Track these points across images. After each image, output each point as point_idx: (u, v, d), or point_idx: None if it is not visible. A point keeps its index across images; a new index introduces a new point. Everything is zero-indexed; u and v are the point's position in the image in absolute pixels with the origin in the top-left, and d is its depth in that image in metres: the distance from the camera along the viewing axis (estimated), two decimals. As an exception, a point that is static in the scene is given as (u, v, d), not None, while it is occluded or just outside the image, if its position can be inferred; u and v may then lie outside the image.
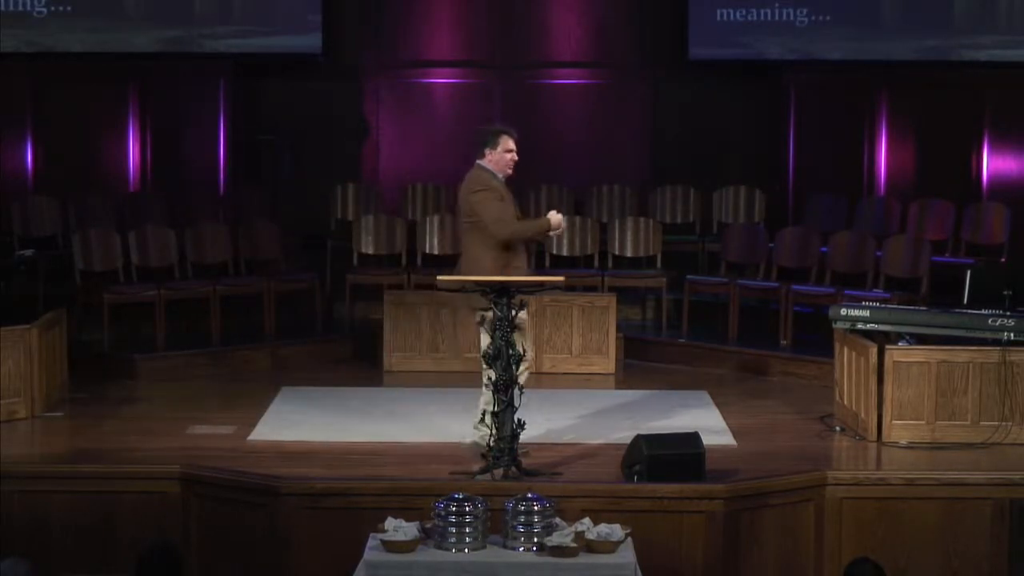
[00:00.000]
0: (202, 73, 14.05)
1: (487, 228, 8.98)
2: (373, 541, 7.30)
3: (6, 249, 12.42)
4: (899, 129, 14.04)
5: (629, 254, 13.10)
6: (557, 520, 7.34)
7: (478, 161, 9.16)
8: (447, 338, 11.82)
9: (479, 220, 9.01)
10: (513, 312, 8.46)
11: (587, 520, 7.37)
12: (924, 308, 10.21)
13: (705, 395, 10.93)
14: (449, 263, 13.03)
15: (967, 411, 9.46)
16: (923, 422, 9.48)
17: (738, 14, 14.01)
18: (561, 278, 8.92)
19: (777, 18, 13.99)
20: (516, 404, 8.43)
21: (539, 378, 11.53)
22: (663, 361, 12.15)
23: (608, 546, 7.22)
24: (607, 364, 11.80)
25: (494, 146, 9.08)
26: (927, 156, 13.98)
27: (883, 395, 9.48)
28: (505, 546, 7.26)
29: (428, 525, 7.34)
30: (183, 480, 8.59)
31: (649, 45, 14.35)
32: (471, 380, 10.52)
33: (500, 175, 9.10)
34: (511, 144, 9.09)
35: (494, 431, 8.44)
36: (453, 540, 7.20)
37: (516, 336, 8.55)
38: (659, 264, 13.02)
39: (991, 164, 13.89)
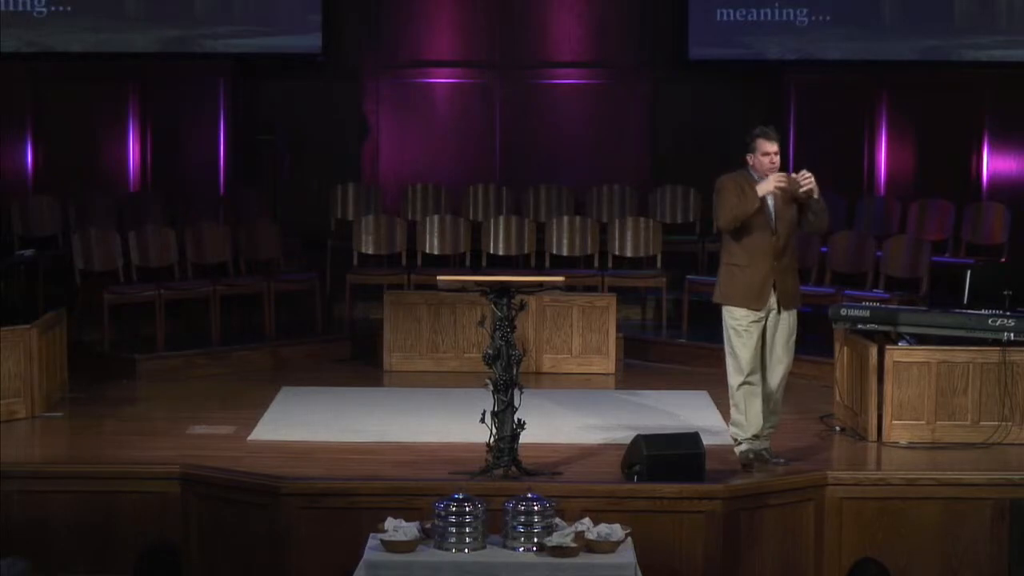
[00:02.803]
0: (202, 73, 14.04)
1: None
2: (373, 541, 7.31)
3: (6, 249, 12.42)
4: (899, 129, 14.03)
5: (629, 254, 13.10)
6: (557, 520, 7.35)
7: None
8: (447, 338, 11.82)
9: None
10: (513, 312, 8.47)
11: (587, 520, 7.38)
12: (924, 308, 10.21)
13: (705, 395, 10.93)
14: (449, 263, 13.09)
15: (967, 411, 9.46)
16: (923, 422, 9.48)
17: (738, 14, 14.01)
18: (561, 278, 8.92)
19: (777, 18, 13.99)
20: (516, 404, 8.44)
21: (539, 378, 11.55)
22: (663, 361, 12.15)
23: (608, 546, 7.22)
24: (607, 364, 11.80)
25: (753, 150, 8.81)
26: (927, 156, 13.98)
27: (883, 395, 9.48)
28: (505, 546, 7.27)
29: (428, 525, 7.34)
30: (183, 480, 8.59)
31: (649, 45, 14.35)
32: (471, 380, 10.54)
33: (760, 177, 8.81)
34: (767, 147, 8.76)
35: (494, 431, 8.44)
36: (453, 540, 7.21)
37: None
38: (659, 264, 13.02)
39: (991, 164, 13.89)
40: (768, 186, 8.72)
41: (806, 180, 8.71)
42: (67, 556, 8.53)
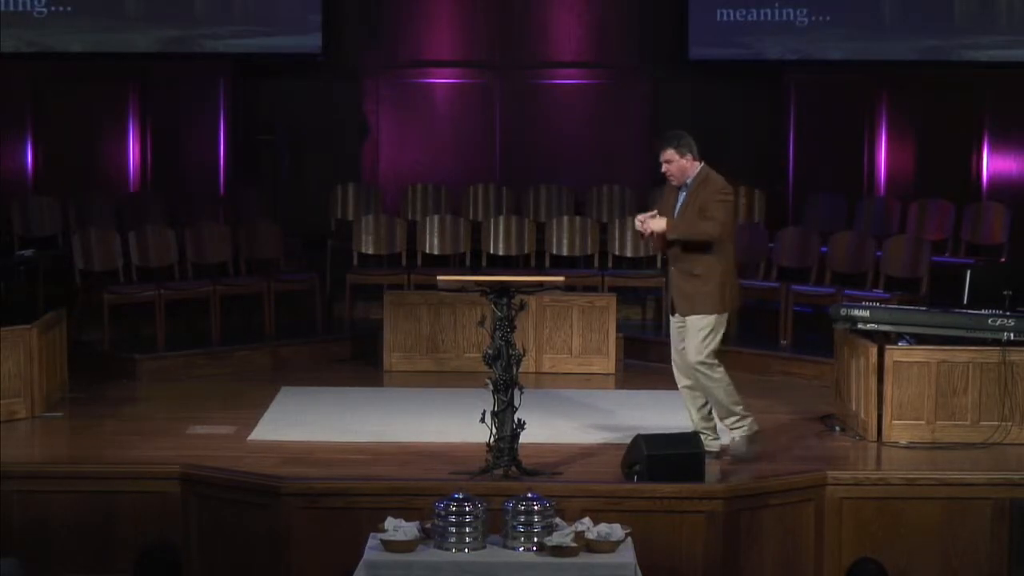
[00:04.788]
0: (202, 73, 14.05)
1: None
2: (373, 541, 7.31)
3: (6, 249, 12.42)
4: (899, 129, 14.04)
5: (629, 254, 13.10)
6: (557, 520, 7.35)
7: None
8: (447, 338, 11.82)
9: None
10: (513, 312, 8.47)
11: (587, 520, 7.38)
12: (924, 308, 10.21)
13: (705, 395, 10.92)
14: (449, 263, 13.09)
15: (967, 411, 9.46)
16: (923, 422, 9.49)
17: (738, 14, 14.01)
18: (561, 278, 8.92)
19: (777, 18, 13.99)
20: (516, 404, 8.44)
21: (539, 378, 11.55)
22: (663, 361, 12.04)
23: (608, 546, 7.22)
24: (607, 364, 11.80)
25: None
26: (927, 156, 13.98)
27: (883, 395, 9.48)
28: (505, 546, 7.27)
29: (428, 525, 7.34)
30: (183, 480, 8.59)
31: (649, 45, 14.35)
32: (471, 380, 10.54)
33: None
34: (660, 157, 9.09)
35: (494, 431, 8.44)
36: (453, 540, 7.21)
37: None
38: (659, 264, 13.00)
39: (991, 164, 13.89)
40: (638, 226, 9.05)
41: (639, 225, 8.97)
42: (67, 556, 8.53)
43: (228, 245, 12.71)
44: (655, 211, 9.07)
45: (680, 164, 8.99)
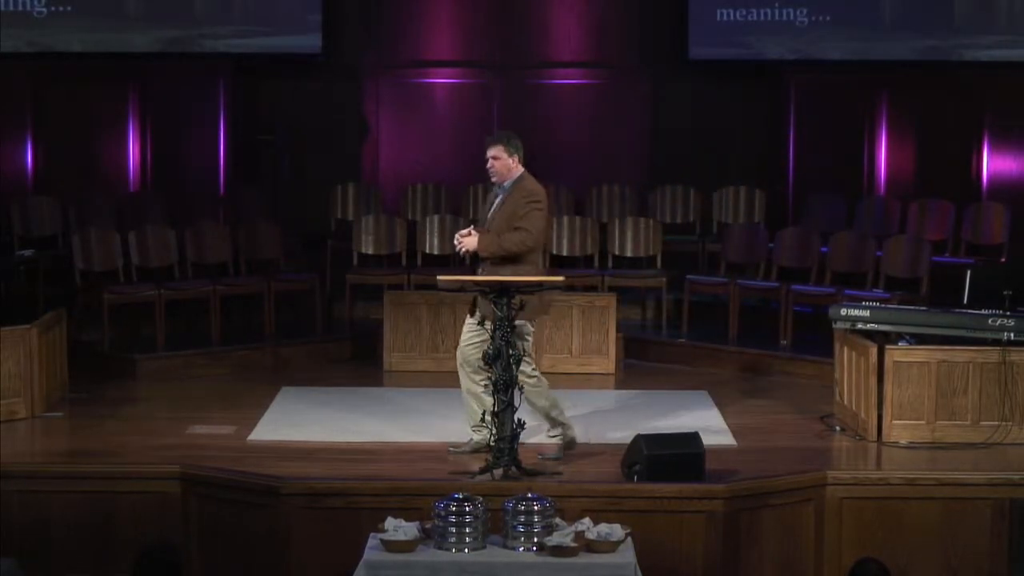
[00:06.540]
0: (202, 73, 14.05)
1: None
2: (373, 541, 7.31)
3: (6, 249, 12.42)
4: (899, 129, 14.04)
5: (629, 254, 13.10)
6: (557, 520, 7.35)
7: None
8: (447, 338, 11.81)
9: None
10: (513, 312, 8.47)
11: (587, 520, 7.38)
12: (924, 308, 10.21)
13: (705, 395, 10.93)
14: (449, 263, 13.09)
15: (967, 411, 9.46)
16: (923, 422, 9.49)
17: (738, 14, 14.01)
18: (561, 278, 8.91)
19: (777, 18, 13.99)
20: (516, 404, 8.44)
21: (539, 378, 11.54)
22: (663, 361, 12.15)
23: (608, 546, 7.22)
24: (607, 364, 11.80)
25: None
26: (927, 156, 13.98)
27: (883, 395, 9.48)
28: (505, 546, 7.27)
29: (428, 525, 7.34)
30: (183, 480, 8.59)
31: (649, 45, 14.35)
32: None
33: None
34: (487, 153, 9.01)
35: (494, 431, 8.44)
36: (453, 540, 7.21)
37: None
38: (659, 264, 13.02)
39: (991, 164, 13.89)
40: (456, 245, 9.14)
41: (457, 244, 9.03)
42: (67, 556, 8.53)
43: (228, 245, 12.71)
44: (471, 228, 9.03)
45: (505, 163, 8.98)
